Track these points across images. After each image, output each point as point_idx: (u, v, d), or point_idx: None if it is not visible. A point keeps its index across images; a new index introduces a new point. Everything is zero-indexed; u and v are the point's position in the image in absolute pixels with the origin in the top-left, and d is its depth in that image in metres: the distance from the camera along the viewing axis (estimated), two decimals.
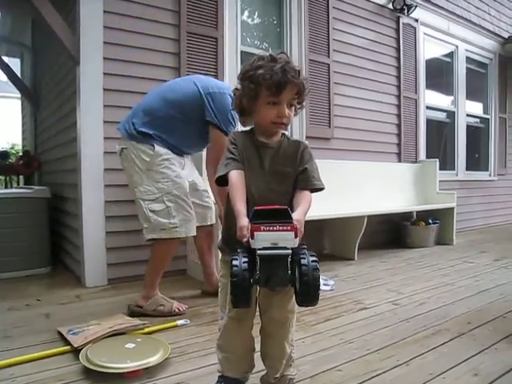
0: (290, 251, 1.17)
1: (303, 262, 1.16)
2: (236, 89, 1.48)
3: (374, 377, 1.75)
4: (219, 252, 1.56)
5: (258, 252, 1.16)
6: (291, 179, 1.44)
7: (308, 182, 1.44)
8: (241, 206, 1.30)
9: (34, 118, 5.83)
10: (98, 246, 3.26)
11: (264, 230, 1.16)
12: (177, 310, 2.60)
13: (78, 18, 3.17)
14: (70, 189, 3.58)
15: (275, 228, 1.16)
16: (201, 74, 3.62)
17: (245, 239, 1.21)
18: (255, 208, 1.23)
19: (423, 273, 3.69)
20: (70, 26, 3.22)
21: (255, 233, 1.16)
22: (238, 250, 1.20)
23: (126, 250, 3.36)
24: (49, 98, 4.73)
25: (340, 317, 2.54)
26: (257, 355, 1.60)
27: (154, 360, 1.83)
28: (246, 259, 1.16)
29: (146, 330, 2.24)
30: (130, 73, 3.35)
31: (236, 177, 1.37)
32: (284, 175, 1.44)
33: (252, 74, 1.38)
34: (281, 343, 1.52)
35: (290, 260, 1.18)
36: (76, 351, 1.95)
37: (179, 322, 2.39)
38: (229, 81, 3.74)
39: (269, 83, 1.35)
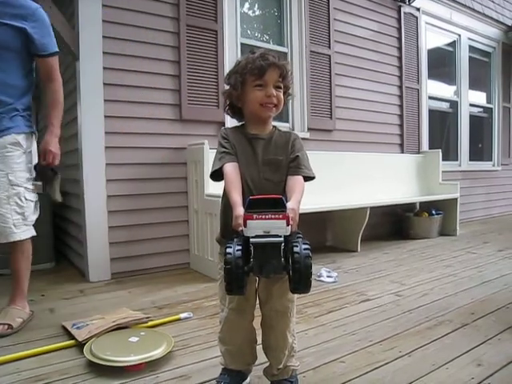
0: (282, 239, 1.19)
1: (295, 249, 1.18)
2: (223, 93, 1.54)
3: (376, 368, 1.76)
4: (218, 244, 1.56)
5: (251, 240, 1.18)
6: (285, 168, 1.48)
7: (299, 168, 1.48)
8: (236, 197, 1.33)
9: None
10: (101, 240, 3.27)
11: (256, 219, 1.19)
12: None
13: (76, 13, 3.16)
14: (72, 184, 3.59)
15: (267, 216, 1.19)
16: (201, 67, 3.62)
17: (240, 228, 1.23)
18: (250, 197, 1.26)
19: (426, 264, 3.69)
20: (69, 21, 3.21)
21: (248, 221, 1.19)
22: (234, 239, 1.22)
23: (128, 245, 3.37)
24: None
25: (343, 308, 2.54)
26: (259, 348, 1.61)
27: (157, 353, 1.84)
28: (239, 247, 1.18)
29: (150, 323, 2.26)
30: (129, 67, 3.34)
31: (230, 169, 1.41)
32: (277, 164, 1.47)
33: (236, 68, 1.48)
34: (283, 333, 1.53)
35: (283, 248, 1.20)
36: (80, 345, 1.96)
37: (182, 316, 2.39)
38: None
39: (252, 67, 1.42)
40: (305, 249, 1.18)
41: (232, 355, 1.56)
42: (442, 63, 6.42)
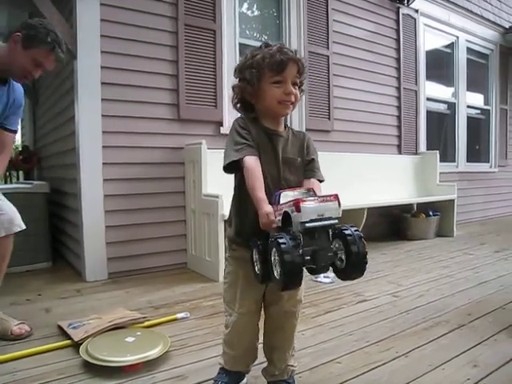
0: (337, 221, 1.15)
1: (347, 232, 1.13)
2: (233, 87, 1.46)
3: (373, 369, 1.76)
4: (227, 246, 1.52)
5: (308, 225, 1.11)
6: (301, 169, 1.45)
7: (315, 172, 1.46)
8: (262, 193, 1.26)
9: (32, 113, 5.81)
10: (98, 240, 3.26)
11: (310, 202, 1.12)
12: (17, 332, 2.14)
13: (74, 11, 3.15)
14: (70, 183, 3.58)
15: (320, 199, 1.14)
16: (199, 66, 3.62)
17: (274, 225, 1.19)
18: (281, 191, 1.22)
19: (423, 265, 3.69)
20: (67, 20, 3.20)
21: (301, 205, 1.10)
22: (279, 234, 1.13)
23: (126, 244, 3.36)
24: (47, 92, 4.71)
25: (340, 309, 2.54)
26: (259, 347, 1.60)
27: (154, 353, 1.84)
28: (291, 236, 1.11)
29: (146, 323, 2.25)
30: (127, 66, 3.34)
31: (253, 163, 1.32)
32: (295, 165, 1.43)
33: (251, 61, 1.38)
34: (291, 334, 1.53)
35: (331, 233, 1.15)
36: (77, 345, 1.95)
37: (179, 316, 2.39)
38: (227, 73, 3.72)
39: (270, 63, 1.34)
40: (356, 230, 1.15)
41: (236, 359, 1.54)
42: (439, 65, 6.43)
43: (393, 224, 5.22)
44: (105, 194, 3.27)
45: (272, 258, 1.15)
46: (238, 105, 1.47)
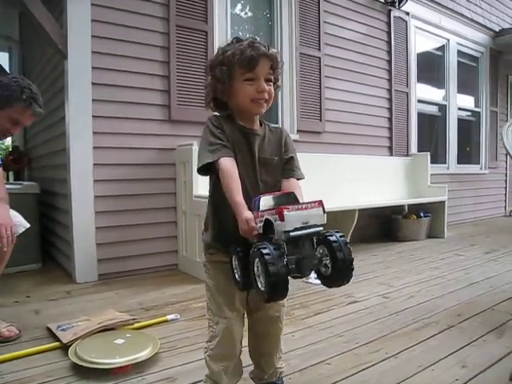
0: (322, 228, 1.10)
1: (332, 238, 1.09)
2: (205, 85, 1.39)
3: (362, 370, 1.76)
4: (204, 251, 1.45)
5: (292, 234, 1.05)
6: (279, 169, 1.39)
7: (294, 171, 1.41)
8: (240, 198, 1.19)
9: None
10: (89, 241, 3.24)
11: (293, 210, 1.06)
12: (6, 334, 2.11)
13: (64, 11, 3.14)
14: (60, 184, 3.56)
15: (303, 206, 1.08)
16: (191, 67, 3.61)
17: (254, 232, 1.13)
18: (260, 196, 1.17)
19: (414, 266, 3.71)
20: (58, 20, 3.19)
21: (285, 213, 1.04)
22: (261, 243, 1.08)
23: (116, 246, 3.35)
24: None
25: (330, 310, 2.55)
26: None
27: (143, 355, 1.83)
28: (274, 246, 1.05)
29: (136, 325, 2.24)
30: (118, 67, 3.33)
31: (229, 165, 1.25)
32: (272, 165, 1.37)
33: (221, 58, 1.31)
34: (277, 339, 1.49)
35: (315, 240, 1.11)
36: (65, 347, 1.94)
37: (169, 317, 2.38)
38: None
39: (241, 59, 1.27)
40: (341, 236, 1.11)
41: (229, 372, 1.40)
42: (431, 67, 6.47)
43: (384, 225, 5.24)
44: (95, 194, 3.25)
45: (255, 269, 1.10)
46: (211, 104, 1.40)
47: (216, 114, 1.39)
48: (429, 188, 5.37)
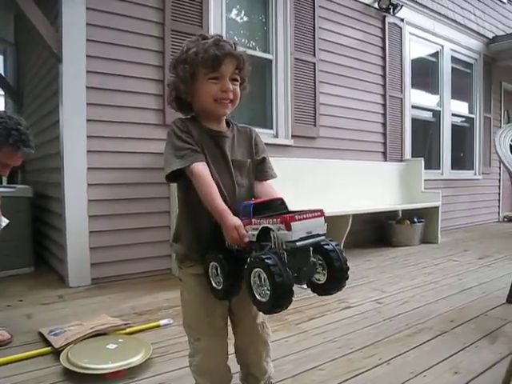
0: (324, 237, 1.10)
1: (328, 247, 1.09)
2: (168, 84, 1.33)
3: (355, 376, 1.76)
4: (178, 264, 1.37)
5: (298, 244, 1.03)
6: (252, 171, 1.33)
7: (268, 173, 1.36)
8: (223, 204, 1.15)
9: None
10: (82, 245, 3.22)
11: (299, 219, 1.04)
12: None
13: (60, 15, 3.13)
14: (54, 188, 3.54)
15: (308, 215, 1.07)
16: None
17: (245, 239, 1.10)
18: (253, 202, 1.15)
19: (408, 271, 3.72)
20: (53, 23, 3.18)
21: (292, 223, 1.02)
22: (263, 253, 1.06)
23: (109, 250, 3.33)
24: (32, 95, 4.67)
25: (324, 316, 2.55)
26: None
27: (135, 360, 1.82)
28: (277, 256, 1.03)
29: (128, 330, 2.23)
30: (113, 71, 3.32)
31: (203, 169, 1.19)
32: (245, 167, 1.32)
33: (184, 56, 1.24)
34: (265, 345, 1.42)
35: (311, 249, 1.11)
36: (57, 352, 1.93)
37: (162, 322, 2.37)
38: None
39: (205, 58, 1.20)
40: (336, 244, 1.11)
41: (216, 382, 1.37)
42: (425, 73, 6.51)
43: (378, 230, 5.25)
44: (89, 198, 3.24)
45: (251, 279, 1.06)
46: (174, 103, 1.33)
47: (181, 117, 1.33)
48: (423, 193, 5.39)
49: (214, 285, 1.22)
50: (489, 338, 2.16)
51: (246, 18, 4.58)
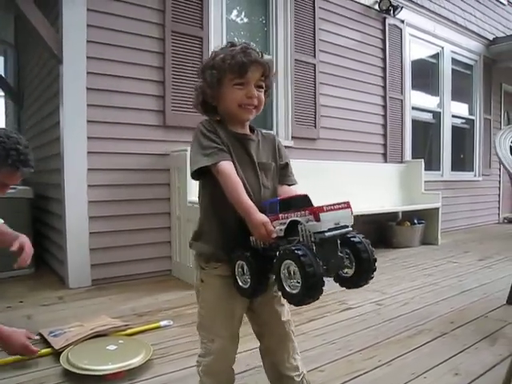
0: (351, 229, 1.12)
1: (355, 239, 1.10)
2: (195, 88, 1.35)
3: (355, 377, 1.76)
4: (200, 265, 1.34)
5: (327, 234, 1.04)
6: (276, 174, 1.36)
7: (290, 177, 1.40)
8: (249, 201, 1.16)
9: (17, 118, 5.75)
10: (82, 246, 3.23)
11: (327, 210, 1.06)
12: None
13: (60, 16, 3.13)
14: (54, 189, 3.54)
15: (336, 207, 1.09)
16: (186, 73, 3.62)
17: (273, 235, 1.10)
18: (280, 198, 1.18)
19: (408, 273, 3.72)
20: (53, 24, 3.19)
21: (320, 214, 1.04)
22: (293, 245, 1.06)
23: (109, 251, 3.33)
24: (32, 96, 4.67)
25: (324, 317, 2.54)
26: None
27: (135, 362, 1.82)
28: (306, 247, 1.03)
29: (129, 331, 2.23)
30: (114, 72, 3.32)
31: (230, 168, 1.20)
32: (270, 170, 1.34)
33: (212, 62, 1.27)
34: (292, 342, 1.40)
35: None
36: (57, 353, 1.93)
37: (162, 323, 2.37)
38: None
39: (232, 64, 1.23)
40: (363, 237, 1.12)
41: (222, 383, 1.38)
42: (425, 74, 6.52)
43: (378, 232, 5.24)
44: (89, 199, 3.24)
45: (281, 272, 1.07)
46: (199, 107, 1.36)
47: (207, 119, 1.35)
48: (423, 195, 5.39)
49: (240, 284, 1.22)
50: (489, 339, 2.16)
51: (246, 20, 4.58)
